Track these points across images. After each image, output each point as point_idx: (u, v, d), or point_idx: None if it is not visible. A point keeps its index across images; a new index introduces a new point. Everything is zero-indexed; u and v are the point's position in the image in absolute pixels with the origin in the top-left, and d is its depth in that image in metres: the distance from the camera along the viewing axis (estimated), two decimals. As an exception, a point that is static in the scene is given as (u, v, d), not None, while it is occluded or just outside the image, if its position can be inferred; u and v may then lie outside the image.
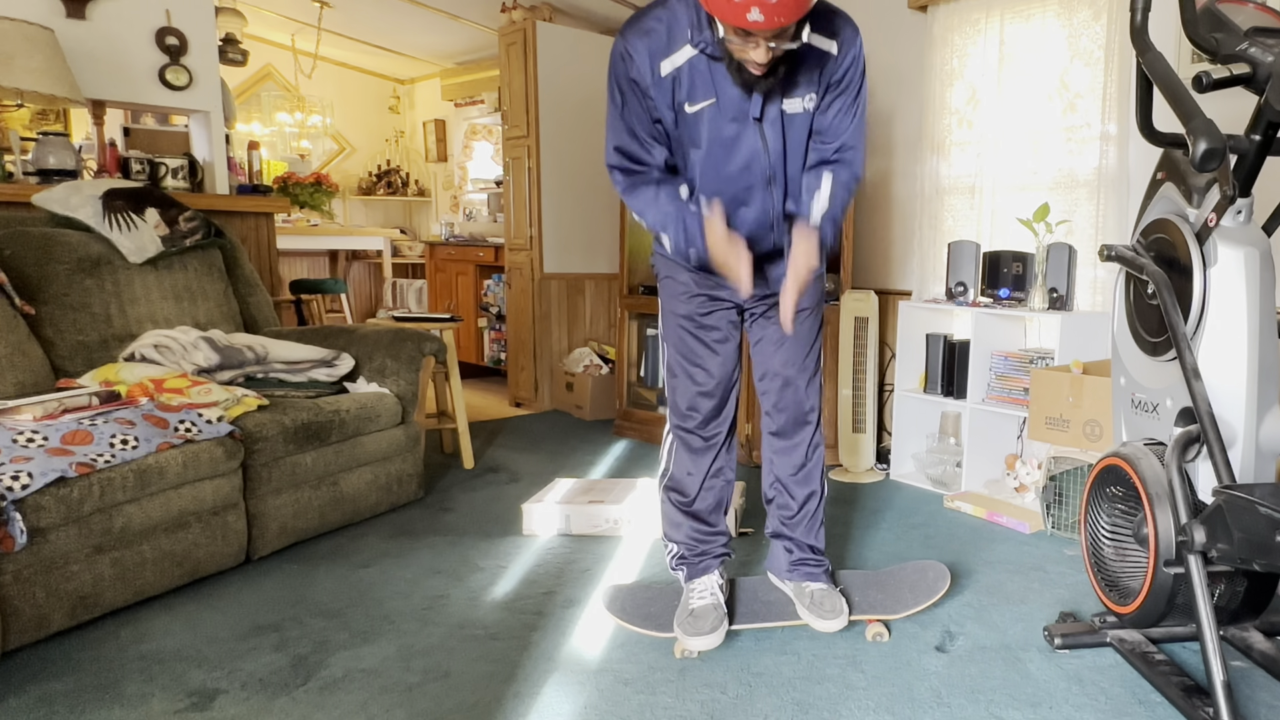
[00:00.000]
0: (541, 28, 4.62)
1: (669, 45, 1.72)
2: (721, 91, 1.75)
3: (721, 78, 1.73)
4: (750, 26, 1.52)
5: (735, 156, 1.82)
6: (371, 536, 2.80)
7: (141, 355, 2.72)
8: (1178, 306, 1.85)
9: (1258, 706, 1.79)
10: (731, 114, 1.77)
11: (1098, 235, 3.20)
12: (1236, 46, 1.74)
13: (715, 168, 1.84)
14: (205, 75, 3.78)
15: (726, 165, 1.83)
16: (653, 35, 1.72)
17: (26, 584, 1.95)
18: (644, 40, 1.73)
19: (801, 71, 1.76)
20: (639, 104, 1.78)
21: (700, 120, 1.78)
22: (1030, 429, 2.99)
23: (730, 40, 1.61)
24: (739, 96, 1.75)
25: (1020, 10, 3.37)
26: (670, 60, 1.72)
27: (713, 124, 1.78)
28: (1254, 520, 1.57)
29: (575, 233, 4.92)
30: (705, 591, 2.06)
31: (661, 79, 1.74)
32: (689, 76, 1.73)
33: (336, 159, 7.19)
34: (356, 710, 1.75)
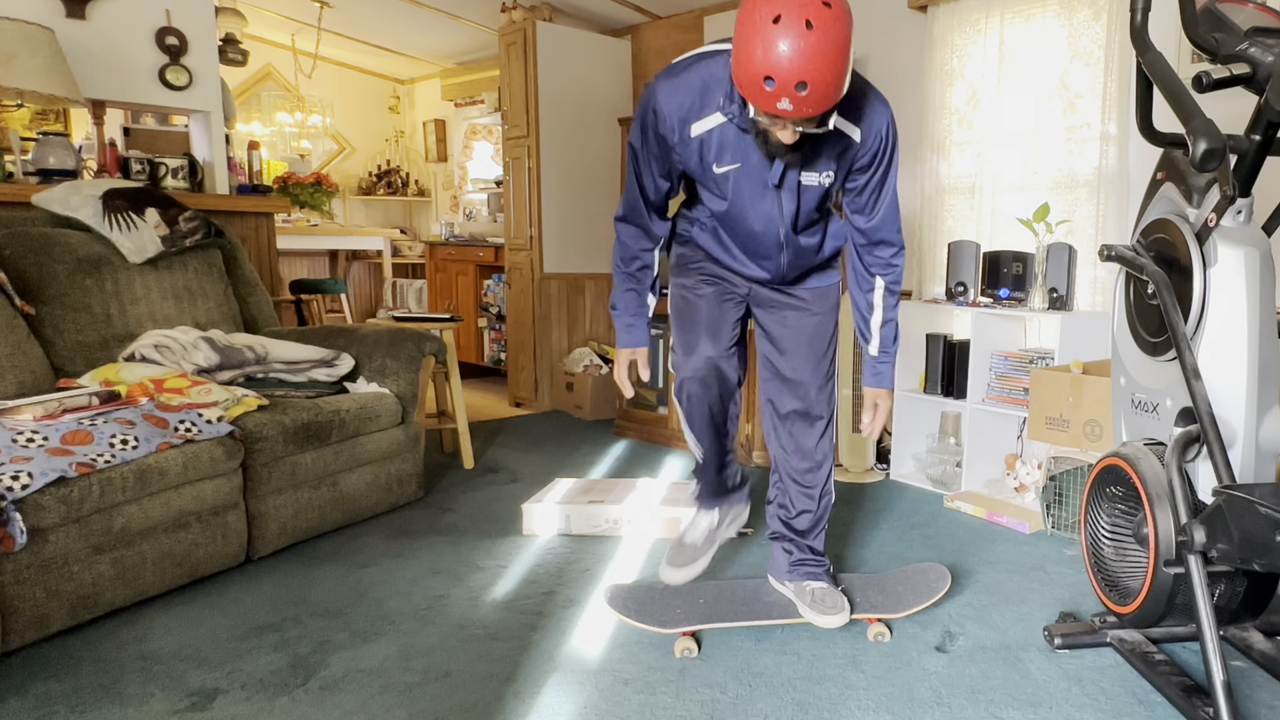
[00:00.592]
0: (541, 28, 4.62)
1: (701, 109, 1.77)
2: (747, 158, 1.81)
3: (748, 145, 1.79)
4: (780, 114, 1.57)
5: (754, 218, 1.91)
6: (371, 536, 2.80)
7: (141, 355, 2.72)
8: (1178, 306, 1.85)
9: (1258, 706, 1.79)
10: (755, 179, 1.84)
11: (1098, 235, 3.20)
12: (1236, 46, 1.74)
13: (733, 224, 1.95)
14: (205, 75, 3.78)
15: (744, 223, 1.93)
16: (686, 96, 1.77)
17: (26, 584, 1.95)
18: (676, 100, 1.78)
19: (824, 148, 1.81)
20: (659, 151, 1.86)
21: (726, 180, 1.86)
22: (1030, 429, 2.99)
23: (759, 119, 1.65)
24: (762, 163, 1.81)
25: (1020, 10, 3.37)
26: (701, 124, 1.79)
27: (737, 186, 1.86)
28: (1254, 520, 1.57)
29: (575, 233, 4.92)
30: (699, 526, 2.21)
31: (690, 139, 1.81)
32: (718, 141, 1.80)
33: (336, 159, 7.19)
34: (356, 710, 1.76)
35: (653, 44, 5.00)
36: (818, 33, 1.47)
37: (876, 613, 2.12)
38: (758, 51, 1.50)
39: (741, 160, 1.81)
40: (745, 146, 1.79)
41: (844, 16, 1.51)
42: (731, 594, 2.20)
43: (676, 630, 2.03)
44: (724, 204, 1.91)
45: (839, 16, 1.50)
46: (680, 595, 2.16)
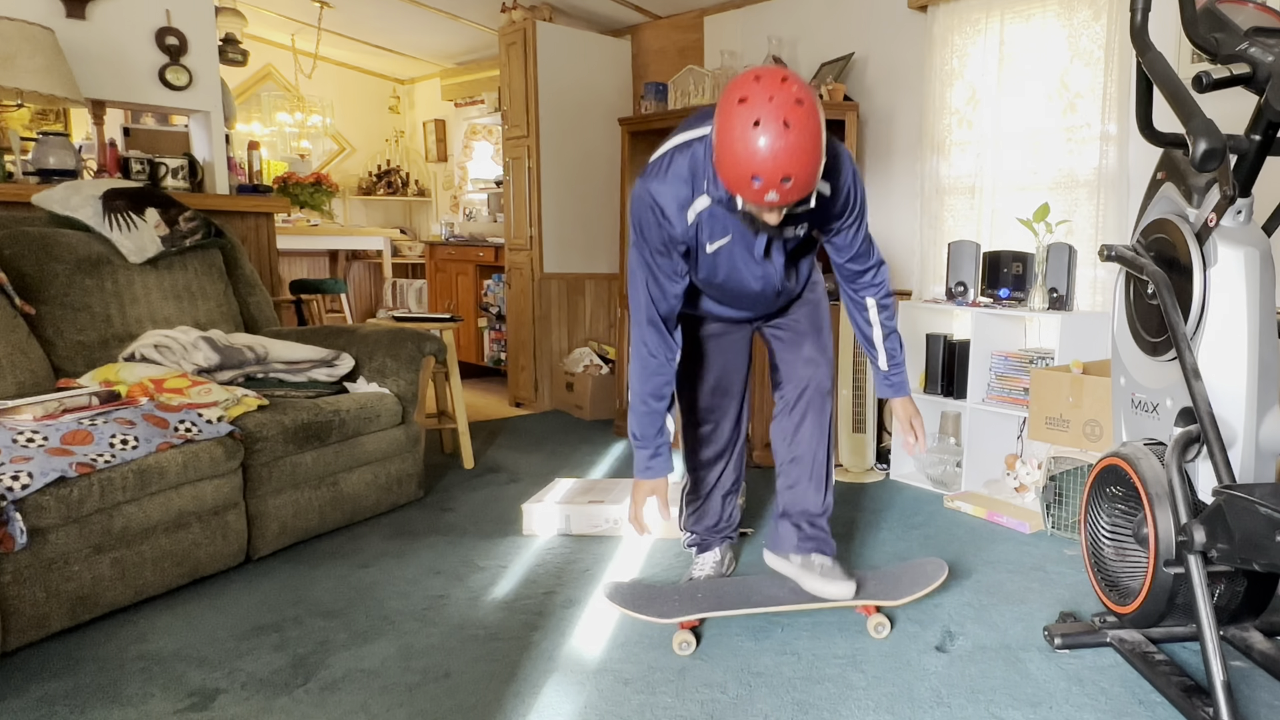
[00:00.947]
0: (541, 28, 4.62)
1: (692, 194, 1.85)
2: (735, 230, 1.91)
3: (733, 221, 1.88)
4: (768, 205, 1.68)
5: (748, 280, 2.03)
6: (371, 536, 2.80)
7: (141, 355, 2.72)
8: (1178, 306, 1.85)
9: (1258, 706, 1.79)
10: (745, 246, 1.95)
11: (1098, 235, 3.20)
12: (1236, 46, 1.74)
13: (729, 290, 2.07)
14: (205, 75, 3.78)
15: (740, 287, 2.05)
16: (677, 188, 1.85)
17: (26, 584, 1.95)
18: (670, 194, 1.85)
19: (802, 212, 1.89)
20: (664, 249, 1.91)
21: (718, 256, 1.96)
22: (1030, 429, 2.99)
23: (747, 207, 1.74)
24: (749, 238, 1.93)
25: (1020, 10, 3.37)
26: (693, 208, 1.87)
27: (730, 257, 1.97)
28: (1254, 520, 1.57)
29: (575, 233, 4.92)
30: (705, 564, 2.42)
31: (688, 225, 1.89)
32: (708, 221, 1.89)
33: (336, 159, 7.18)
34: (356, 710, 1.76)
35: (653, 44, 5.01)
36: (795, 130, 1.59)
37: (875, 600, 2.12)
38: (742, 154, 1.61)
39: (731, 232, 1.92)
40: (731, 220, 1.88)
41: (815, 109, 1.63)
42: (729, 587, 2.20)
43: (675, 620, 2.03)
44: (720, 276, 2.01)
45: (811, 111, 1.62)
46: (679, 591, 2.18)
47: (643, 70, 5.05)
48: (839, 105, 3.70)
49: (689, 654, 2.00)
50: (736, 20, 4.50)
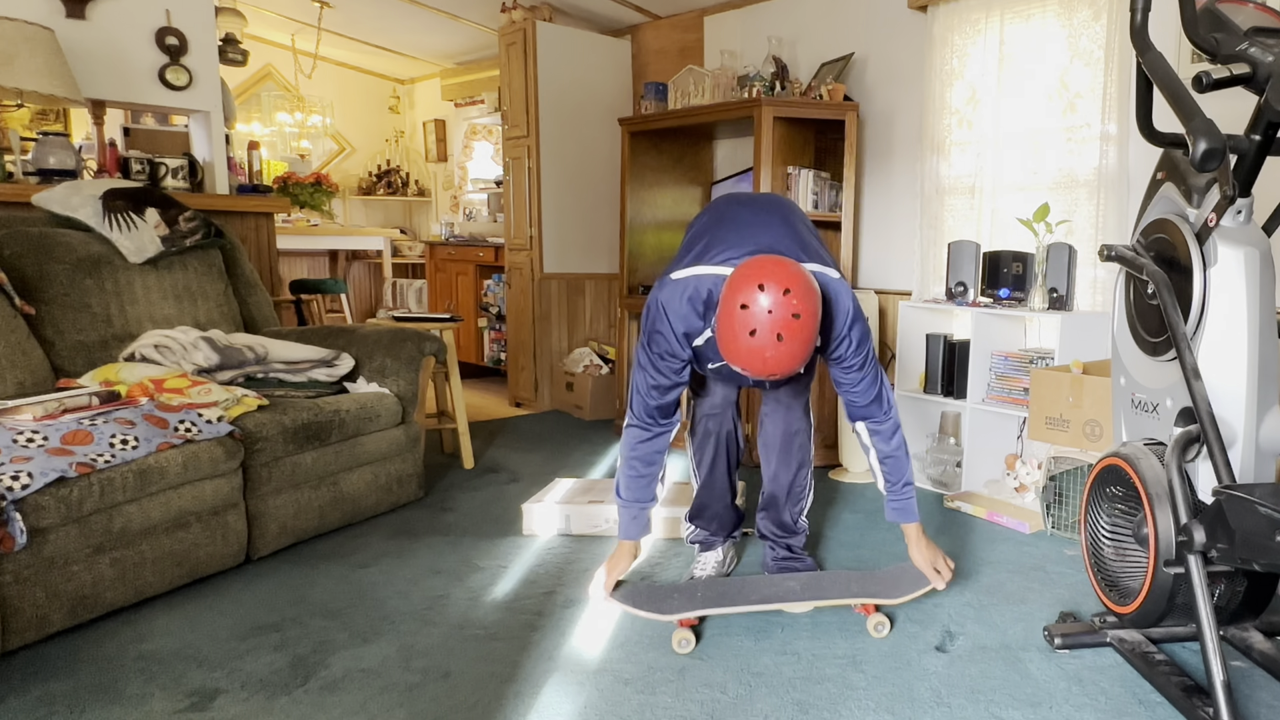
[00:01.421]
0: (541, 28, 4.62)
1: (702, 325, 1.99)
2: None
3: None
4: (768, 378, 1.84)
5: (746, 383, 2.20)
6: (371, 536, 2.80)
7: (141, 355, 2.72)
8: (1178, 306, 1.85)
9: (1258, 706, 1.79)
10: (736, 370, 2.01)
11: (1098, 235, 3.20)
12: (1236, 46, 1.74)
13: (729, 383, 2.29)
14: (205, 75, 3.78)
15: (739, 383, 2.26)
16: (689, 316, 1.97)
17: (26, 584, 1.95)
18: (682, 320, 1.98)
19: None
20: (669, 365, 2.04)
21: (718, 374, 2.16)
22: (1030, 429, 2.99)
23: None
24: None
25: (1020, 10, 3.37)
26: (700, 338, 2.01)
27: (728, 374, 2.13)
28: (1254, 520, 1.57)
29: (575, 233, 4.92)
30: (707, 564, 2.46)
31: (690, 348, 2.03)
32: (709, 347, 2.02)
33: (336, 159, 7.19)
34: (356, 710, 1.76)
35: (653, 44, 5.00)
36: (787, 343, 1.72)
37: (875, 599, 2.12)
38: (736, 352, 1.77)
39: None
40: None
41: (811, 320, 1.75)
42: (728, 586, 2.20)
43: (674, 617, 2.04)
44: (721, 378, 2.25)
45: (807, 321, 1.74)
46: (678, 589, 2.18)
47: (643, 70, 5.04)
48: (839, 105, 3.70)
49: (688, 652, 2.01)
50: (736, 20, 4.50)
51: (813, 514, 2.49)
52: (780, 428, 2.38)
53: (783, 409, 2.38)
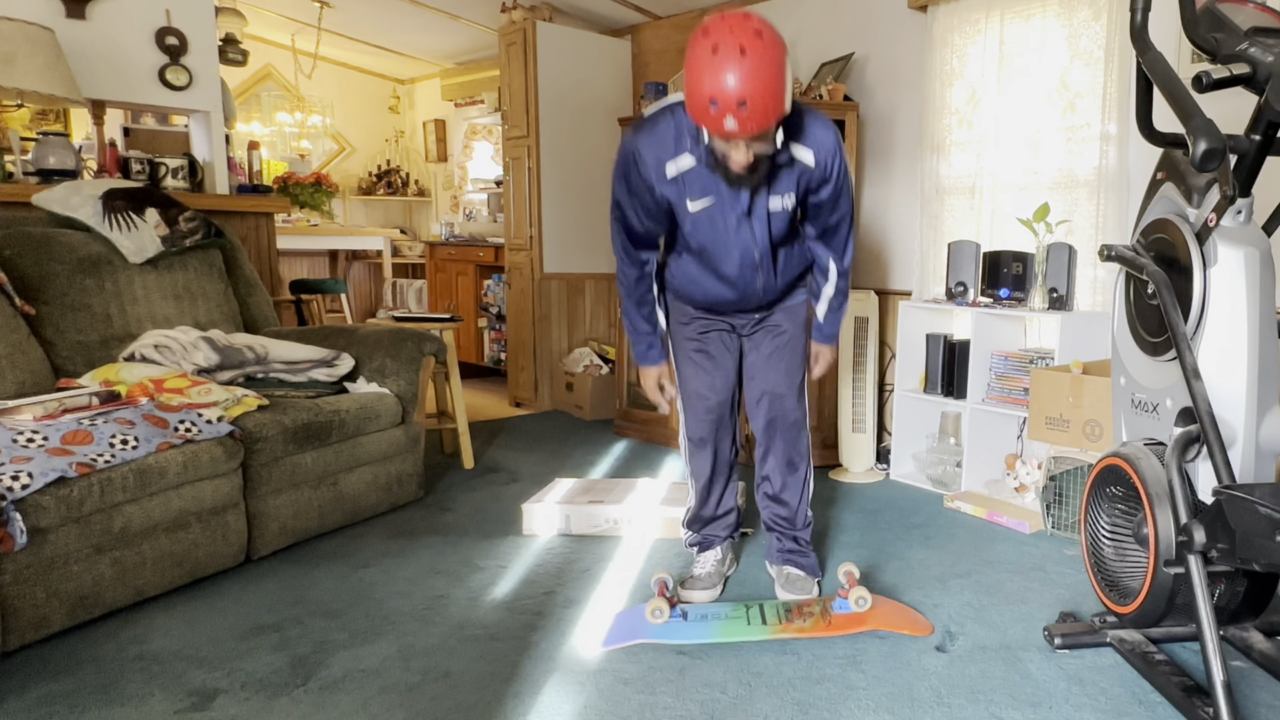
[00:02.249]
0: (541, 28, 4.62)
1: (675, 150, 1.98)
2: (718, 193, 2.01)
3: (719, 182, 1.99)
4: (727, 135, 1.79)
5: (730, 247, 2.10)
6: (371, 536, 2.80)
7: (141, 355, 2.72)
8: (1178, 306, 1.85)
9: (1258, 706, 1.79)
10: (727, 211, 2.04)
11: (1098, 235, 3.20)
12: (1236, 46, 1.74)
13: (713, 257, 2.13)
14: (205, 75, 3.78)
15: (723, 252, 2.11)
16: (660, 143, 1.98)
17: (26, 584, 1.95)
18: (652, 148, 1.99)
19: (784, 174, 2.03)
20: (647, 197, 2.05)
21: (701, 217, 2.06)
22: (1030, 429, 2.99)
23: (715, 143, 1.87)
24: (733, 197, 2.01)
25: (1020, 10, 3.37)
26: (675, 164, 1.99)
27: (711, 220, 2.06)
28: (1254, 520, 1.57)
29: (575, 233, 4.92)
30: (707, 561, 2.43)
31: (668, 180, 2.01)
32: (690, 180, 2.00)
33: (336, 159, 7.18)
34: (356, 710, 1.76)
35: (653, 44, 5.00)
36: (751, 57, 1.69)
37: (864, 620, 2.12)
38: (703, 80, 1.72)
39: (714, 195, 2.01)
40: (716, 184, 1.99)
41: (776, 45, 1.74)
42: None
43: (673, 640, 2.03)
44: (703, 239, 2.10)
45: (770, 45, 1.72)
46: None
47: (643, 70, 5.04)
48: (839, 105, 3.69)
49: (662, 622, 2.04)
50: (736, 20, 4.49)
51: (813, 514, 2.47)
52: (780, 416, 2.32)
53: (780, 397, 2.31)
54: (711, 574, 2.41)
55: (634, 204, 2.07)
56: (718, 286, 2.20)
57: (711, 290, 2.22)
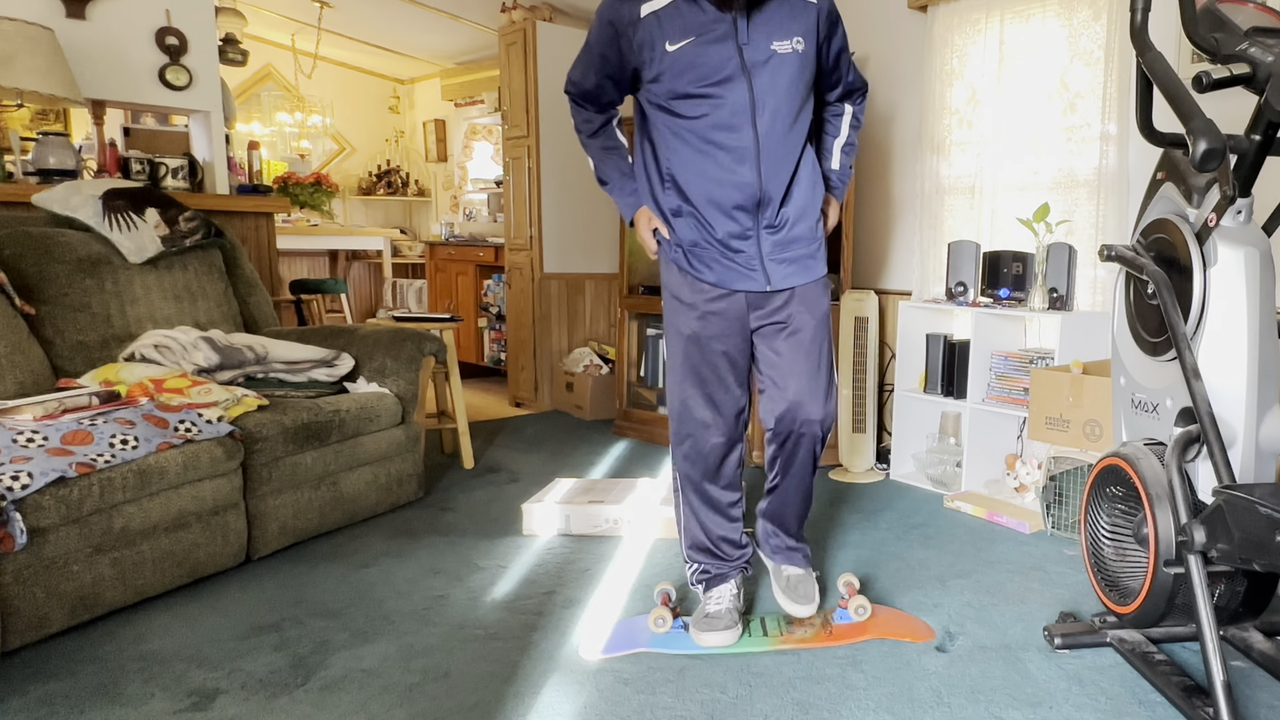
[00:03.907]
0: (541, 28, 4.62)
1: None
2: (701, 30, 1.88)
3: (700, 20, 1.87)
4: None
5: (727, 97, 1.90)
6: (371, 536, 2.80)
7: (141, 355, 2.72)
8: (1178, 306, 1.85)
9: (1258, 706, 1.79)
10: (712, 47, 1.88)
11: (1098, 235, 3.20)
12: (1236, 46, 1.74)
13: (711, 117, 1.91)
14: (205, 75, 3.78)
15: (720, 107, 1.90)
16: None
17: (26, 584, 1.95)
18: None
19: (784, 16, 1.91)
20: (609, 47, 1.96)
21: (681, 56, 1.88)
22: (1030, 429, 2.99)
23: None
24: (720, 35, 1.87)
25: (1020, 10, 3.37)
26: (651, 3, 1.89)
27: (694, 58, 1.89)
28: (1254, 520, 1.57)
29: (575, 233, 4.92)
30: (722, 597, 2.12)
31: (641, 19, 1.89)
32: (668, 17, 1.88)
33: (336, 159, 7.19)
34: (356, 710, 1.76)
35: (653, 44, 5.00)
36: None
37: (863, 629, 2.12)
38: None
39: (695, 34, 1.87)
40: (699, 21, 1.87)
41: None
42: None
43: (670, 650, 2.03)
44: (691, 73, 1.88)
45: None
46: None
47: (643, 70, 5.04)
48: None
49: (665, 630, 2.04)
50: (736, 20, 4.49)
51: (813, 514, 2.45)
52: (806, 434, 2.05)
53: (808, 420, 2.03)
54: (730, 611, 2.09)
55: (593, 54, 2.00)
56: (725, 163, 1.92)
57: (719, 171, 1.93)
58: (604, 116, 2.14)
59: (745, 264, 2.00)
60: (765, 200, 1.96)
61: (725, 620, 2.05)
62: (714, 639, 2.02)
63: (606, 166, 2.15)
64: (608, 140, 2.16)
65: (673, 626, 2.08)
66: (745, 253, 1.99)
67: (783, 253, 2.01)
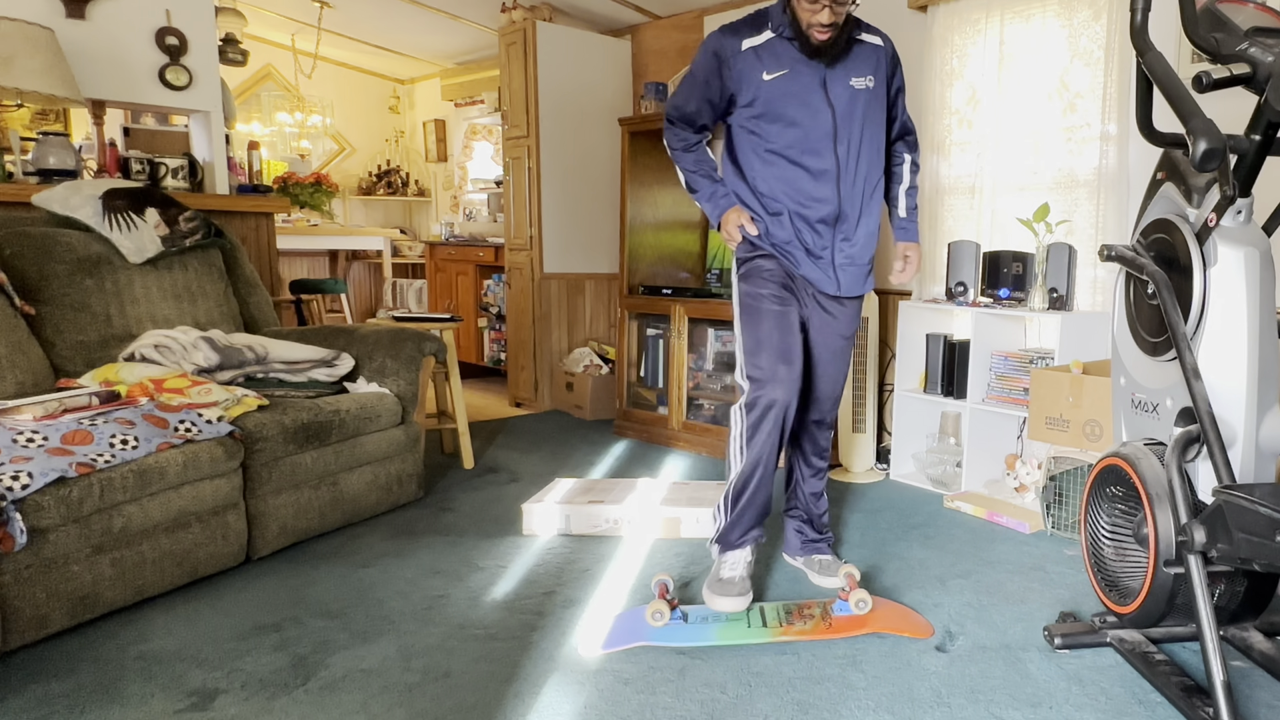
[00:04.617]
0: (541, 28, 4.62)
1: (752, 31, 2.23)
2: (794, 67, 2.20)
3: (793, 58, 2.20)
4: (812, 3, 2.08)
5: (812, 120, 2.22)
6: (371, 536, 2.80)
7: (141, 355, 2.72)
8: (1178, 306, 1.85)
9: (1258, 706, 1.79)
10: (805, 81, 2.21)
11: (1098, 235, 3.20)
12: (1236, 46, 1.74)
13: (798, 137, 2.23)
14: (205, 75, 3.78)
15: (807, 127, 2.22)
16: (740, 26, 2.26)
17: (26, 584, 1.95)
18: (733, 29, 2.25)
19: (860, 58, 2.26)
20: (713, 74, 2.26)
21: (776, 86, 2.21)
22: (1030, 429, 2.99)
23: (800, 9, 2.12)
24: (809, 72, 2.20)
25: (1020, 10, 3.37)
26: (751, 40, 2.22)
27: (787, 90, 2.21)
28: (1254, 520, 1.57)
29: (575, 233, 4.92)
30: (737, 564, 2.28)
31: (742, 52, 2.21)
32: (767, 52, 2.21)
33: (336, 159, 7.18)
34: (356, 710, 1.76)
35: (653, 44, 5.00)
36: None
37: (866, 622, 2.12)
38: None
39: (789, 69, 2.19)
40: (792, 58, 2.19)
41: None
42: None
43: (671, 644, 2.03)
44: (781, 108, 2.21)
45: None
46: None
47: (643, 70, 5.04)
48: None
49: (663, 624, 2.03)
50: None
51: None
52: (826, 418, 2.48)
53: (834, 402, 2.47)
54: (743, 579, 2.23)
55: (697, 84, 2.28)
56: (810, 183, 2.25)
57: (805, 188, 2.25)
58: (697, 137, 2.38)
59: (823, 269, 2.31)
60: (842, 217, 2.29)
61: (739, 586, 2.20)
62: (727, 604, 2.16)
63: (698, 177, 2.37)
64: (700, 155, 2.39)
65: (671, 619, 2.08)
66: (823, 259, 2.31)
67: (850, 264, 2.34)
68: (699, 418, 4.07)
